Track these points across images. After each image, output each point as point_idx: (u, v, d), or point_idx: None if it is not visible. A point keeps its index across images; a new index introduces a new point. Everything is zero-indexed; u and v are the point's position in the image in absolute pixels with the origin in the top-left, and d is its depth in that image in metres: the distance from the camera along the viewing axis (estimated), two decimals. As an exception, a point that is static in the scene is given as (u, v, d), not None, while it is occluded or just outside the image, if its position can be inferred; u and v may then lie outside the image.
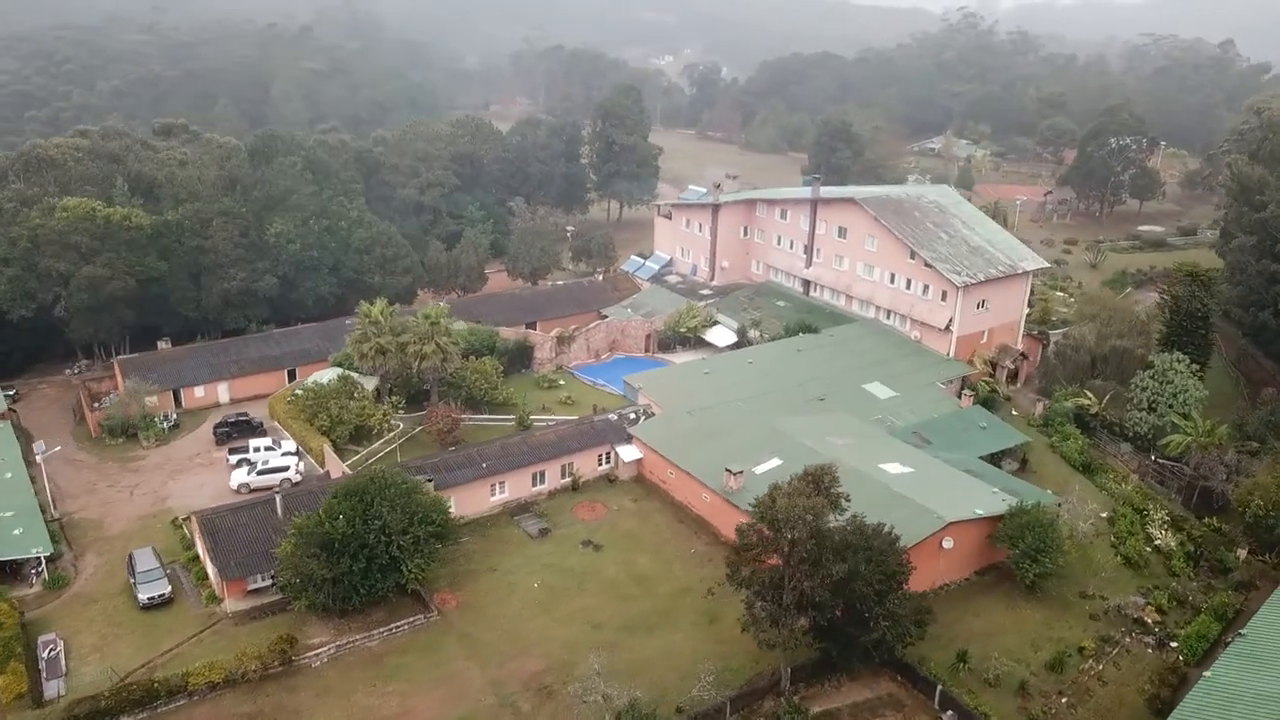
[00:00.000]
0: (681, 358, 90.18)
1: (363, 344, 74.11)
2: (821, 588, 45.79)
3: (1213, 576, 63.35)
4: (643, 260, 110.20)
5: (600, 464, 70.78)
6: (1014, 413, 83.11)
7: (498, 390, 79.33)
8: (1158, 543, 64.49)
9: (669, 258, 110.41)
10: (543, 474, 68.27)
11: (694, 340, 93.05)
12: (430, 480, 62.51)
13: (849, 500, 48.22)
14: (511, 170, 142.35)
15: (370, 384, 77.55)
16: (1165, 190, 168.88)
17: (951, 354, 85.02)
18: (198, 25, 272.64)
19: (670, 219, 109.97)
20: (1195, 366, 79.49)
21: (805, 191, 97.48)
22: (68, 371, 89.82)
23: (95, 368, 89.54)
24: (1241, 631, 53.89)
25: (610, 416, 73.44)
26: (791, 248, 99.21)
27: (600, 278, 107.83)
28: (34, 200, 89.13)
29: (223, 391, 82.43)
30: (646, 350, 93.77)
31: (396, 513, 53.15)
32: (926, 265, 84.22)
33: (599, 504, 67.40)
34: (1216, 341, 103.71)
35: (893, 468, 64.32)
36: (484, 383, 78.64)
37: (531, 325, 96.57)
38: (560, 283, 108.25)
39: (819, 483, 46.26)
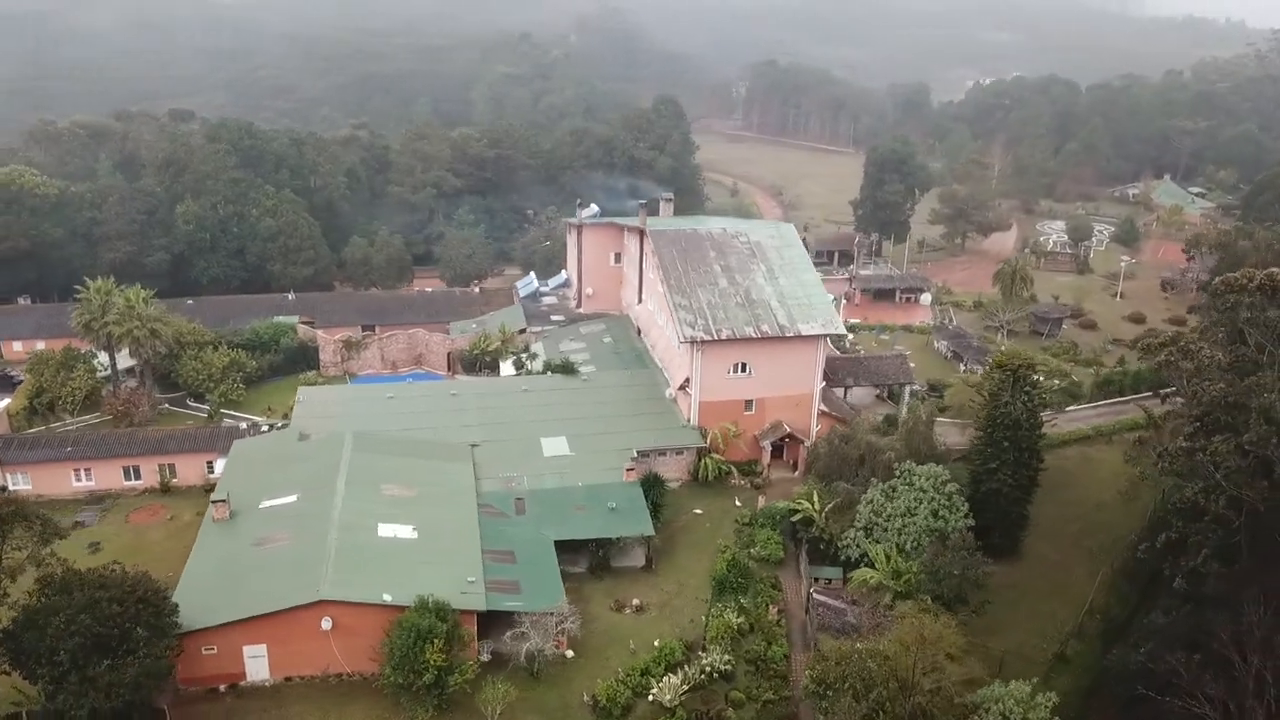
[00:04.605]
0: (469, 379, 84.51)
1: (76, 318, 77.61)
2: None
3: (722, 756, 48.16)
4: (532, 278, 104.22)
5: (210, 471, 68.49)
6: (738, 503, 68.51)
7: (220, 384, 79.40)
8: (653, 694, 49.98)
9: (566, 277, 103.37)
10: (137, 469, 67.53)
11: (495, 365, 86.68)
12: (-12, 454, 64.62)
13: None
14: (543, 179, 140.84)
15: (109, 359, 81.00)
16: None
17: (692, 420, 71.64)
18: (447, 31, 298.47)
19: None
20: (955, 486, 60.60)
21: (635, 220, 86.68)
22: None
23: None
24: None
25: (241, 425, 70.87)
26: (637, 281, 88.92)
27: (477, 290, 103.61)
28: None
29: (41, 348, 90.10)
30: (449, 368, 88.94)
31: None
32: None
33: (164, 508, 65.46)
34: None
35: (395, 530, 55.99)
36: (202, 374, 79.20)
37: (370, 328, 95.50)
38: (429, 290, 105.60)
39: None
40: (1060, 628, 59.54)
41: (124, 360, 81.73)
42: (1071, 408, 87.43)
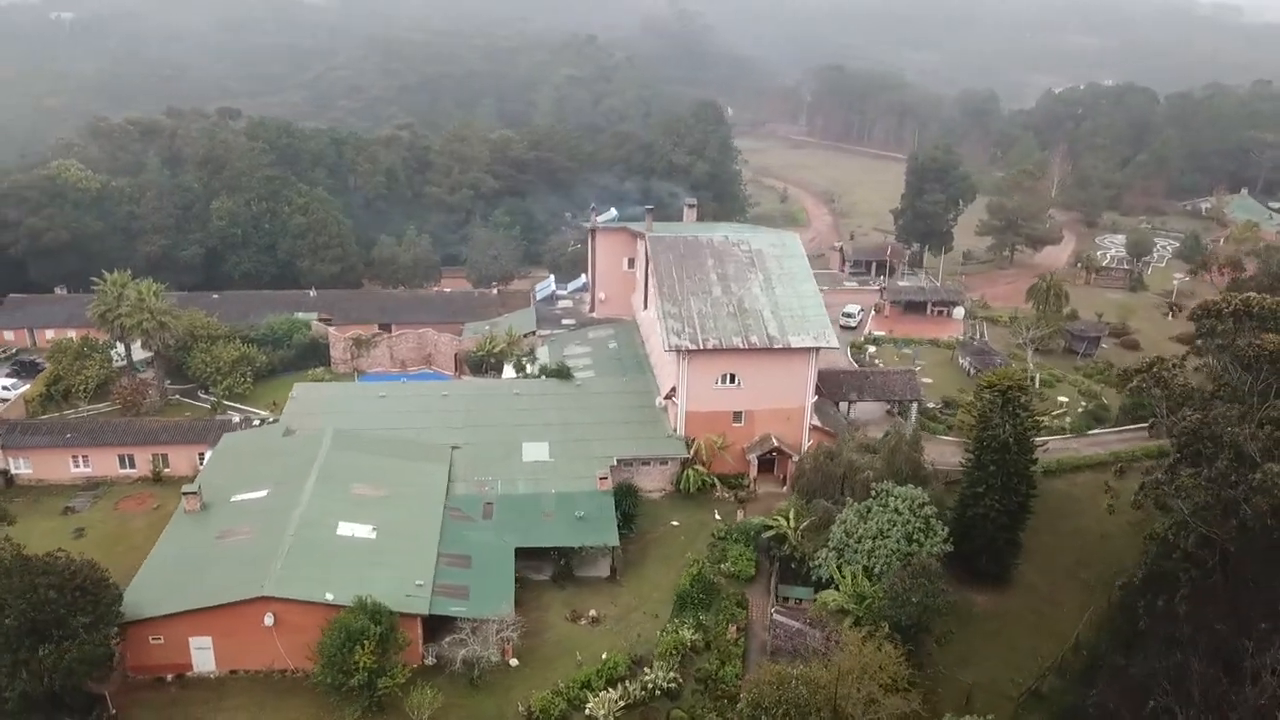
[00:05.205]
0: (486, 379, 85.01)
1: (93, 309, 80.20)
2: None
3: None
4: (550, 281, 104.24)
5: (201, 462, 70.00)
6: (717, 516, 67.29)
7: (226, 377, 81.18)
8: (589, 708, 49.16)
9: (585, 281, 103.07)
10: (132, 458, 69.46)
11: (500, 366, 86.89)
12: (-6, 439, 67.25)
13: None
14: (583, 181, 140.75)
15: (124, 349, 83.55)
16: None
17: (679, 430, 70.59)
18: (518, 33, 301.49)
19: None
20: (932, 510, 58.34)
21: (643, 225, 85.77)
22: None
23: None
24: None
25: (234, 419, 72.31)
26: (644, 287, 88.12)
27: (495, 291, 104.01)
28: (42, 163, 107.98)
29: (72, 336, 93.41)
30: (456, 369, 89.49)
31: None
32: (667, 321, 70.67)
33: (152, 497, 67.12)
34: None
35: (354, 529, 56.43)
36: (211, 367, 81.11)
37: (386, 327, 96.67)
38: (448, 290, 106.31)
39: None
40: (1041, 662, 56.86)
41: (143, 352, 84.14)
42: (1094, 431, 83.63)
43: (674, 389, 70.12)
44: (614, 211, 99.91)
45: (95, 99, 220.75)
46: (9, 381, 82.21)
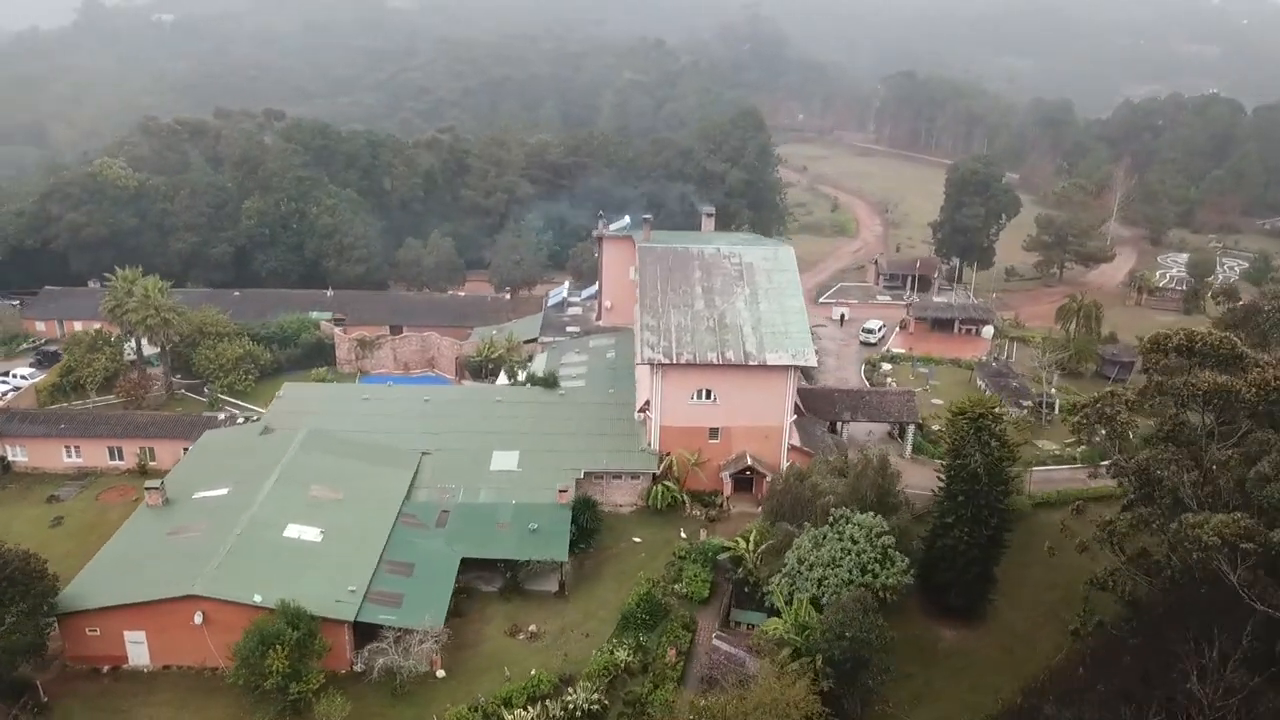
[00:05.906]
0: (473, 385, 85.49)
1: (104, 304, 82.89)
2: None
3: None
4: (563, 288, 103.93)
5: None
6: (682, 534, 65.97)
7: (228, 374, 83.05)
8: (505, 722, 48.52)
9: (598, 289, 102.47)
10: (120, 450, 71.50)
11: (499, 372, 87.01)
12: (-11, 426, 70.07)
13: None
14: (621, 187, 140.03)
15: (135, 344, 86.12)
16: None
17: (654, 445, 69.39)
18: (590, 36, 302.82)
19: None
20: (890, 539, 56.10)
21: (641, 234, 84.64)
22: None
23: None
24: None
25: (219, 416, 73.83)
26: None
27: (508, 296, 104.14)
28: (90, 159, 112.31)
29: (98, 329, 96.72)
30: (457, 373, 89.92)
31: None
32: (646, 333, 69.61)
33: (133, 490, 68.75)
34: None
35: (301, 531, 57.01)
36: (213, 364, 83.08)
37: (398, 329, 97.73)
38: (461, 294, 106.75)
39: None
40: (999, 705, 53.99)
41: (153, 347, 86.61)
42: (1107, 461, 79.27)
43: (648, 402, 68.96)
44: (627, 219, 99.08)
45: (183, 99, 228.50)
46: (29, 371, 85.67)
